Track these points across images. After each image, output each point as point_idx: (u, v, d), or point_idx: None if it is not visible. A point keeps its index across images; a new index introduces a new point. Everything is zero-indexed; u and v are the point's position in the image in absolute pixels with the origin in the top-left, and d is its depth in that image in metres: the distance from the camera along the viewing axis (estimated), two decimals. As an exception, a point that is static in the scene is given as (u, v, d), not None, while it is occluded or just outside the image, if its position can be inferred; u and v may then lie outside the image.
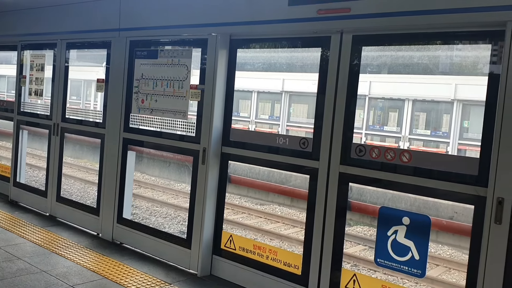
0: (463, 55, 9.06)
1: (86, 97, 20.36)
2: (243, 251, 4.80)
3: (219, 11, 4.85)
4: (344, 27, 4.00)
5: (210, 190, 4.91)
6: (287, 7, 4.31)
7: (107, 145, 5.91)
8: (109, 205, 5.85)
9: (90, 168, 12.47)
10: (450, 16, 3.49)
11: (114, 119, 5.81)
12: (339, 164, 4.06)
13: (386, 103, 14.34)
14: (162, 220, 8.83)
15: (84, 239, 5.81)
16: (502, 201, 3.26)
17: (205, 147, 4.92)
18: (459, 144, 12.61)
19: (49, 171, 6.80)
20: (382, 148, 3.90)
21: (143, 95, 5.48)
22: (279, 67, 13.99)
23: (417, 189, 3.76)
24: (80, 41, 6.53)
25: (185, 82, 5.11)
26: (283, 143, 4.54)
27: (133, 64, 5.61)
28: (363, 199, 9.10)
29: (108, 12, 5.90)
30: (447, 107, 12.99)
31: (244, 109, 17.20)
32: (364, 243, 8.05)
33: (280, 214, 9.78)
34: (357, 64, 4.01)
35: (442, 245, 8.15)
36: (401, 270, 3.75)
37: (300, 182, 9.90)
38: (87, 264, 4.97)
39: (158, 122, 5.40)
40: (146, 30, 5.52)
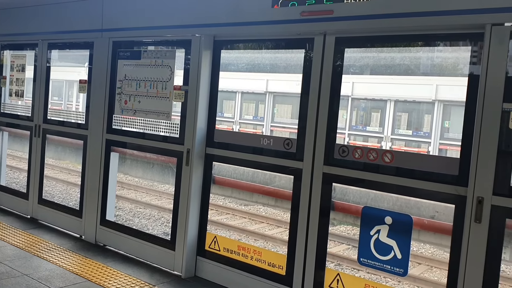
0: (444, 56, 9.20)
1: (68, 97, 20.13)
2: (227, 252, 4.80)
3: (203, 12, 4.85)
4: (327, 29, 4.04)
5: (194, 191, 4.91)
6: (271, 8, 4.33)
7: (90, 147, 5.87)
8: (92, 207, 5.81)
9: (73, 169, 12.35)
10: (431, 19, 3.55)
11: (97, 120, 5.77)
12: (323, 165, 4.10)
13: (368, 103, 14.46)
14: (146, 221, 8.79)
15: (67, 241, 5.76)
16: (482, 200, 3.32)
17: (189, 148, 4.92)
18: (440, 144, 12.78)
19: (30, 173, 6.72)
20: (364, 148, 3.95)
21: (126, 96, 5.45)
22: (263, 67, 14.02)
23: (399, 189, 3.82)
24: (62, 41, 6.46)
25: (168, 83, 5.10)
26: (267, 144, 4.56)
27: (116, 65, 5.57)
28: (347, 199, 9.17)
29: (91, 12, 5.86)
30: (428, 107, 13.16)
31: (228, 109, 17.19)
32: (348, 243, 8.11)
33: (265, 215, 9.79)
34: (340, 65, 4.05)
35: (424, 243, 8.25)
36: (383, 269, 3.80)
37: (285, 182, 9.93)
38: (69, 267, 4.92)
39: (141, 123, 5.37)
40: (129, 31, 5.49)
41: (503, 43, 3.24)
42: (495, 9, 3.26)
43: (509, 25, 3.24)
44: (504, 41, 3.24)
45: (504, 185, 3.28)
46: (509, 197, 3.26)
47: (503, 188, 3.28)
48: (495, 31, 3.27)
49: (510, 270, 7.19)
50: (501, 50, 3.25)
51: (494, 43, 3.27)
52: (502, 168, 3.28)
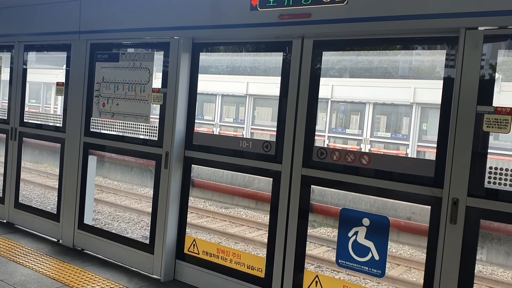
0: (421, 59, 9.34)
1: (46, 100, 19.87)
2: (206, 255, 4.79)
3: (182, 14, 4.84)
4: (305, 32, 4.06)
5: (173, 195, 4.89)
6: (249, 11, 4.34)
7: (67, 150, 5.80)
8: (70, 211, 5.74)
9: (51, 173, 12.18)
10: (408, 22, 3.59)
11: (75, 123, 5.71)
12: (302, 167, 4.11)
13: (348, 106, 14.57)
14: (125, 225, 8.71)
15: (44, 246, 5.68)
16: (457, 202, 3.37)
17: (167, 151, 4.89)
18: (418, 146, 12.94)
19: (6, 177, 6.60)
20: (342, 151, 3.98)
21: (104, 98, 5.40)
22: (243, 70, 14.03)
23: (376, 191, 3.85)
24: (38, 43, 6.37)
25: (147, 86, 5.07)
26: (247, 146, 4.56)
27: (93, 67, 5.52)
28: (325, 201, 9.22)
29: (68, 14, 5.79)
30: (406, 110, 13.31)
31: (209, 112, 17.15)
32: (328, 244, 8.15)
33: (245, 217, 9.79)
34: (318, 68, 4.08)
35: (403, 245, 8.33)
36: (361, 270, 3.83)
37: (264, 185, 9.95)
38: (46, 272, 4.85)
39: (119, 126, 5.33)
40: (107, 33, 5.45)
41: (477, 47, 3.30)
42: (469, 13, 3.33)
43: (483, 29, 3.30)
44: (478, 45, 3.30)
45: (478, 186, 3.33)
46: (484, 198, 3.32)
47: (477, 190, 3.34)
48: (469, 35, 3.33)
49: (486, 270, 7.31)
50: (475, 53, 3.31)
51: (468, 47, 3.33)
52: (476, 169, 3.34)
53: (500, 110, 3.23)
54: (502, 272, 7.32)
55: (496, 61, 3.29)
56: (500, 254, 7.59)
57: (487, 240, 7.62)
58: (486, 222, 3.76)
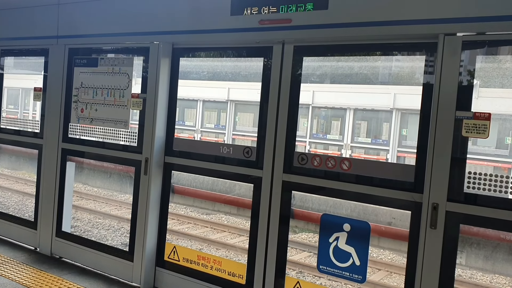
0: (401, 65, 9.43)
1: (25, 106, 19.58)
2: (187, 262, 4.73)
3: (161, 19, 4.80)
4: (286, 37, 4.06)
5: (153, 201, 4.83)
6: (229, 16, 4.32)
7: (45, 156, 5.70)
8: (47, 218, 5.63)
9: (29, 179, 11.97)
10: (388, 28, 3.62)
11: (52, 129, 5.61)
12: (282, 173, 4.10)
13: (329, 112, 14.66)
14: (105, 232, 8.60)
15: (21, 254, 5.56)
16: (436, 207, 3.39)
17: (147, 157, 4.84)
18: (398, 152, 13.07)
19: (-19, 184, 6.47)
20: (323, 156, 3.97)
21: (82, 104, 5.32)
22: (224, 76, 14.01)
23: (357, 196, 3.85)
24: (16, 48, 6.26)
25: (126, 91, 5.01)
26: (227, 152, 4.54)
27: (72, 72, 5.44)
28: (306, 206, 9.23)
29: (46, 18, 5.70)
30: (386, 115, 13.44)
31: (190, 118, 17.08)
32: (309, 250, 8.16)
33: (227, 224, 9.74)
34: (298, 74, 4.08)
35: (383, 249, 8.38)
36: (342, 276, 3.82)
37: (245, 191, 9.93)
38: (23, 281, 4.74)
39: (98, 132, 5.26)
40: (85, 38, 5.38)
41: (456, 53, 3.34)
42: (447, 19, 3.36)
43: (461, 35, 3.34)
44: (456, 51, 3.34)
45: (458, 191, 3.36)
46: (463, 203, 3.35)
47: (457, 195, 3.36)
48: (448, 41, 3.37)
49: (466, 274, 7.39)
50: (454, 59, 3.34)
51: (447, 53, 3.37)
52: (456, 174, 3.36)
53: (478, 116, 3.27)
54: (481, 276, 7.41)
55: (475, 67, 3.33)
56: (479, 258, 7.68)
57: (467, 244, 7.72)
58: (465, 227, 3.78)
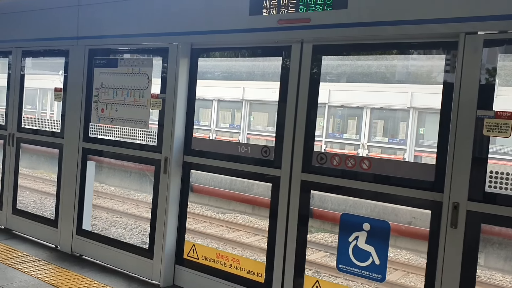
0: (419, 64, 9.36)
1: (42, 106, 19.84)
2: (206, 260, 4.77)
3: (180, 20, 4.84)
4: (304, 37, 4.07)
5: (172, 200, 4.88)
6: (248, 16, 4.34)
7: (66, 155, 5.78)
8: (68, 217, 5.71)
9: (47, 179, 12.13)
10: (407, 28, 3.61)
11: (73, 129, 5.69)
12: (301, 172, 4.11)
13: (345, 111, 14.61)
14: (123, 230, 8.68)
15: (42, 252, 5.65)
16: (457, 206, 3.38)
17: (166, 156, 4.88)
18: (415, 151, 12.98)
19: (4, 183, 6.57)
20: (342, 155, 3.98)
21: (103, 104, 5.39)
22: (239, 75, 14.04)
23: (376, 196, 3.85)
24: (36, 49, 6.36)
25: (146, 91, 5.06)
26: (245, 151, 4.56)
27: (92, 72, 5.51)
28: (325, 206, 9.22)
29: (66, 20, 5.78)
30: (403, 115, 13.35)
31: (205, 117, 17.15)
32: (325, 250, 8.15)
33: (242, 223, 9.77)
34: (317, 73, 4.09)
35: (400, 249, 8.34)
36: (362, 275, 3.82)
37: (263, 190, 9.95)
38: (45, 278, 4.83)
39: (119, 132, 5.32)
40: (105, 39, 5.44)
41: (477, 52, 3.32)
42: (468, 18, 3.34)
43: (483, 33, 3.32)
44: (477, 50, 3.32)
45: (479, 190, 3.34)
46: (484, 203, 3.33)
47: (478, 194, 3.34)
48: (469, 39, 3.35)
49: (485, 275, 7.32)
50: (475, 58, 3.32)
51: (468, 52, 3.35)
52: (477, 174, 3.34)
53: (500, 115, 3.24)
54: (500, 276, 7.33)
55: (496, 65, 3.31)
56: (500, 258, 7.60)
57: (488, 244, 7.64)
58: (486, 226, 3.75)
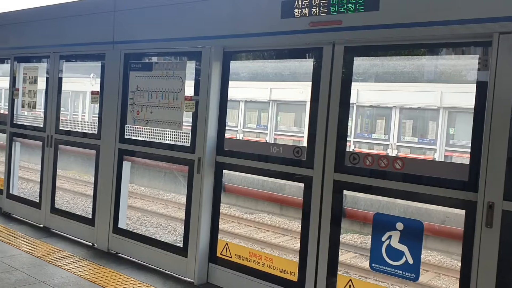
0: (449, 63, 9.26)
1: (74, 108, 20.26)
2: (239, 259, 4.86)
3: (213, 24, 4.94)
4: (336, 38, 4.12)
5: (205, 199, 4.98)
6: (280, 20, 4.41)
7: (102, 156, 5.95)
8: (105, 215, 5.88)
9: (79, 179, 12.42)
10: (439, 28, 3.62)
11: (109, 130, 5.86)
12: (334, 172, 4.16)
13: (373, 111, 14.53)
14: (153, 229, 8.85)
15: (80, 249, 5.83)
16: (492, 205, 3.37)
17: (200, 157, 4.99)
18: (445, 151, 12.82)
19: (43, 183, 6.79)
20: (375, 155, 4.01)
21: (138, 106, 5.54)
22: (265, 76, 14.11)
23: (409, 195, 3.88)
24: (73, 53, 6.57)
25: (179, 94, 5.19)
26: (277, 151, 4.63)
27: (128, 76, 5.66)
28: (357, 208, 9.23)
29: (102, 25, 5.96)
30: (433, 114, 13.21)
31: (232, 118, 17.27)
32: (355, 251, 8.14)
33: (270, 223, 9.83)
34: (349, 74, 4.13)
35: (431, 250, 8.27)
36: (395, 274, 3.85)
37: (295, 191, 10.01)
38: (84, 274, 4.99)
39: (153, 133, 5.46)
40: (140, 43, 5.59)
41: (511, 51, 3.31)
42: (502, 18, 3.34)
43: (517, 33, 3.31)
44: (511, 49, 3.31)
45: (514, 190, 3.33)
46: None
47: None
48: (503, 39, 3.34)
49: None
50: (509, 58, 3.32)
51: (502, 51, 3.34)
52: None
53: (536, 114, 3.23)
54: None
55: (531, 64, 3.30)
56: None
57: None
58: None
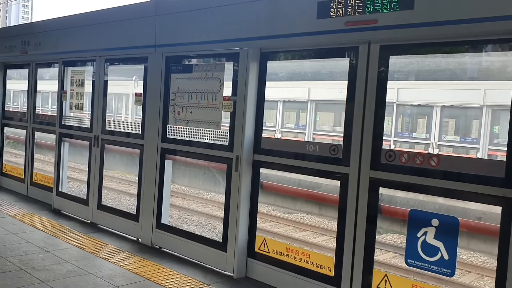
0: (492, 60, 9.07)
1: (118, 110, 20.86)
2: (276, 254, 4.99)
3: (250, 26, 5.07)
4: (372, 37, 4.17)
5: (243, 195, 5.13)
6: (316, 20, 4.51)
7: (146, 155, 6.20)
8: (149, 211, 6.12)
9: (122, 178, 12.80)
10: (475, 26, 3.60)
11: (152, 131, 6.09)
12: (370, 170, 4.21)
13: (414, 109, 14.32)
14: (194, 227, 9.07)
15: (125, 244, 6.10)
16: (528, 202, 3.36)
17: (238, 155, 5.14)
18: (489, 150, 12.52)
19: (90, 181, 7.12)
20: (411, 153, 4.04)
21: (179, 107, 5.76)
22: (303, 75, 14.12)
23: (445, 192, 3.90)
24: (118, 57, 6.86)
25: (218, 94, 5.36)
26: (313, 150, 4.72)
27: (169, 78, 5.88)
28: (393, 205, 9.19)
29: (145, 29, 6.19)
30: (476, 112, 12.92)
31: (270, 118, 17.36)
32: (394, 250, 8.11)
33: (309, 223, 9.89)
34: (385, 72, 4.17)
35: (474, 252, 8.15)
36: (431, 270, 3.88)
37: (331, 188, 10.03)
38: (129, 267, 5.24)
39: (193, 132, 5.66)
40: (181, 46, 5.79)
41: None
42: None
43: None
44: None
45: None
46: None
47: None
48: None
49: None
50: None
51: None
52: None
53: None
54: None
55: None
56: None
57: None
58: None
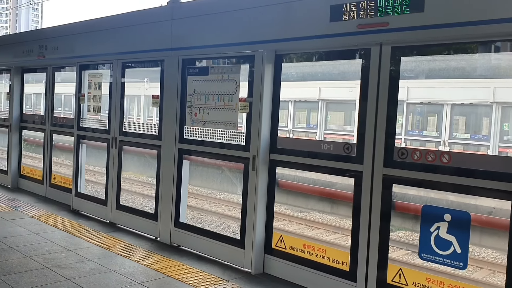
0: (501, 58, 9.13)
1: (129, 111, 21.06)
2: (293, 250, 5.13)
3: (265, 29, 5.22)
4: (383, 39, 4.30)
5: (260, 193, 5.28)
6: (329, 23, 4.65)
7: (164, 155, 6.36)
8: (167, 210, 6.29)
9: (135, 179, 12.94)
10: (485, 27, 3.72)
11: (170, 132, 6.26)
12: (383, 167, 4.35)
13: (424, 108, 14.37)
14: (208, 227, 9.20)
15: (144, 242, 6.27)
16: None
17: (254, 155, 5.30)
18: (499, 147, 12.56)
19: (108, 181, 7.30)
20: (423, 150, 4.18)
21: (196, 108, 5.92)
22: (314, 75, 14.22)
23: (456, 188, 4.04)
24: (135, 60, 7.03)
25: (234, 96, 5.52)
26: (328, 148, 4.87)
27: (185, 80, 6.04)
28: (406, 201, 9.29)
29: (161, 33, 6.37)
30: (486, 110, 12.96)
31: (281, 118, 17.44)
32: (407, 248, 8.19)
33: (321, 221, 10.00)
34: (396, 73, 4.30)
35: (486, 248, 8.21)
36: (444, 263, 4.01)
37: (344, 187, 10.14)
38: (150, 265, 5.41)
39: (210, 133, 5.81)
40: (197, 49, 5.94)
41: None
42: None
43: None
44: None
45: None
46: None
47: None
48: None
49: None
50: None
51: None
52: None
53: None
54: None
55: None
56: None
57: None
58: None
